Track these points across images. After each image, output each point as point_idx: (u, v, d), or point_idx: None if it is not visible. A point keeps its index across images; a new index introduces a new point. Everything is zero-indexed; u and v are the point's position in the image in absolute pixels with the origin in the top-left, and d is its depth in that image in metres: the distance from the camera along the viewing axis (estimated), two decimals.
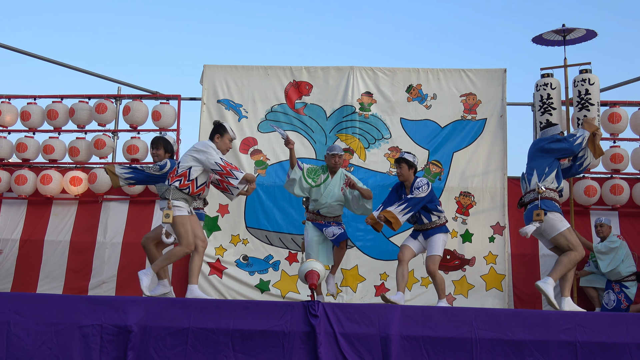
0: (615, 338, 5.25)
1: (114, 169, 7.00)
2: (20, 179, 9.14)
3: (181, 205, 6.07)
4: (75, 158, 9.35)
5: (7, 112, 9.52)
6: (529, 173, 6.57)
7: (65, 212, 9.27)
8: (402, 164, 6.82)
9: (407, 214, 6.53)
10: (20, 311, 5.36)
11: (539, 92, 8.68)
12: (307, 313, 5.24)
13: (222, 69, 9.21)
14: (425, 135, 8.90)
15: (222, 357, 5.21)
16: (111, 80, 9.84)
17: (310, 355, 5.17)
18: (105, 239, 9.00)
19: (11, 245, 9.09)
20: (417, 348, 5.21)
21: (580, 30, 8.53)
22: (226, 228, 8.83)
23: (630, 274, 7.98)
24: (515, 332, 5.25)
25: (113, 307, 5.37)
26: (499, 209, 8.67)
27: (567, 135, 6.75)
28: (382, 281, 8.60)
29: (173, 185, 6.08)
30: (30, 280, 8.97)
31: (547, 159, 6.52)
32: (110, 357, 5.23)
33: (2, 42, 9.65)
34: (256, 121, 9.07)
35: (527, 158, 6.74)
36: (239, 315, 5.31)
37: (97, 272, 8.94)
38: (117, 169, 6.99)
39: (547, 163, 6.49)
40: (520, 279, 8.60)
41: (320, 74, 9.12)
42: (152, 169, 6.92)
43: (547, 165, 6.48)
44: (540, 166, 6.50)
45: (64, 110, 9.47)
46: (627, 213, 8.77)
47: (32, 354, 5.25)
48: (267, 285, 8.65)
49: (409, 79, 9.04)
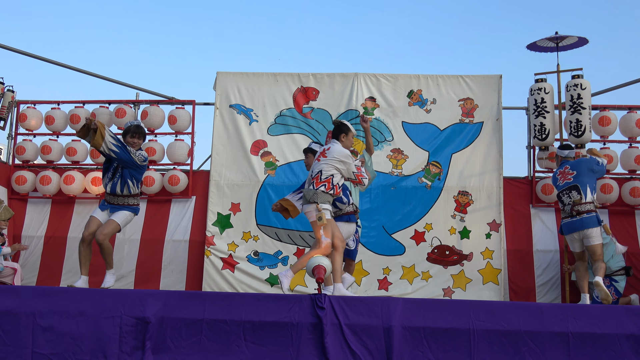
0: (605, 329, 5.23)
1: (104, 132, 6.46)
2: (44, 180, 9.18)
3: (328, 208, 6.21)
4: (96, 160, 9.37)
5: (32, 116, 9.56)
6: (582, 185, 7.24)
7: (86, 211, 9.28)
8: (309, 154, 6.89)
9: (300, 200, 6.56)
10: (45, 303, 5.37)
11: (533, 96, 8.65)
12: (314, 305, 5.23)
13: (234, 76, 9.22)
14: (425, 137, 8.89)
15: (234, 347, 5.21)
16: (130, 86, 9.88)
17: (317, 345, 5.17)
18: (124, 236, 9.00)
19: (36, 242, 9.12)
20: (418, 338, 5.20)
21: (572, 37, 8.50)
22: (238, 225, 8.83)
23: (619, 268, 7.95)
24: (510, 323, 5.24)
25: (132, 300, 5.38)
26: (495, 207, 8.64)
27: (600, 163, 7.45)
28: (385, 275, 8.59)
29: (320, 190, 6.15)
30: (54, 274, 9.00)
31: (593, 177, 7.36)
32: (129, 347, 5.23)
33: (28, 52, 9.68)
34: (266, 125, 9.07)
35: (576, 171, 7.34)
36: (250, 307, 5.31)
37: (117, 266, 8.90)
38: (107, 135, 6.49)
39: (594, 181, 7.36)
40: (516, 273, 8.58)
41: (326, 80, 9.12)
42: (138, 157, 6.70)
43: (594, 182, 7.37)
44: (592, 183, 7.30)
45: (86, 114, 9.48)
46: (616, 211, 8.74)
47: (56, 344, 5.27)
48: (276, 279, 8.64)
49: (410, 84, 9.03)
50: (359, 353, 5.17)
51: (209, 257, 8.70)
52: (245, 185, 8.92)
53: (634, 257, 8.40)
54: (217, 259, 8.72)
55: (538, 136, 8.61)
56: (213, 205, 8.86)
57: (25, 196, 9.40)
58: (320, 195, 6.13)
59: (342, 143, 6.33)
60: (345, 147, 6.32)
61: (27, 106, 9.65)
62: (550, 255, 8.57)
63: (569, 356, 5.18)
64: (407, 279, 8.57)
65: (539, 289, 8.50)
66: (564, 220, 7.45)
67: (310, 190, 6.22)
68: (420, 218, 8.69)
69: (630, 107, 8.89)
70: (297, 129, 9.00)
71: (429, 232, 8.65)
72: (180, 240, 8.83)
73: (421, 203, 8.73)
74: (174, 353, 5.23)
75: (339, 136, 6.36)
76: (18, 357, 5.24)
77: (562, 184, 7.41)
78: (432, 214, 8.70)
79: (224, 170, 8.98)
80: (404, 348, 5.18)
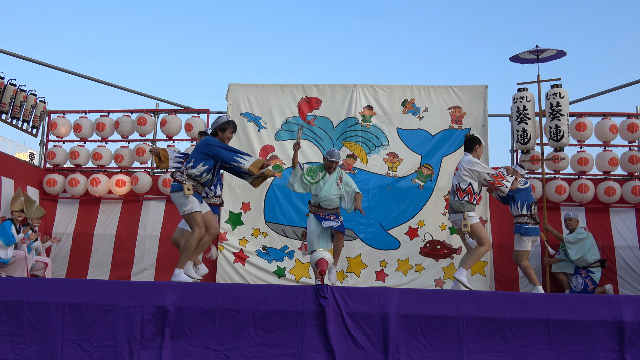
0: (583, 316, 5.22)
1: (167, 155, 6.58)
2: (73, 182, 9.20)
3: (474, 214, 6.45)
4: (120, 163, 9.40)
5: (62, 125, 9.60)
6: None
7: (111, 210, 9.31)
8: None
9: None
10: (73, 294, 5.38)
11: (515, 104, 8.63)
12: (317, 295, 5.23)
13: (245, 87, 9.22)
14: (418, 142, 8.89)
15: (244, 333, 5.21)
16: (150, 97, 9.90)
17: (321, 332, 5.16)
18: (146, 232, 9.03)
19: (65, 238, 9.15)
20: (412, 325, 5.19)
21: (551, 50, 8.49)
22: (248, 223, 8.84)
23: (595, 261, 7.94)
24: (496, 311, 5.22)
25: (152, 291, 5.38)
26: (482, 205, 8.63)
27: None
28: (382, 268, 8.59)
29: (464, 201, 6.38)
30: (81, 268, 9.02)
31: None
32: (149, 333, 5.24)
33: (58, 66, 9.71)
34: (273, 131, 9.08)
35: None
36: (260, 297, 5.30)
37: (139, 260, 8.97)
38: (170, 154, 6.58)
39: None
40: (501, 265, 8.57)
41: (328, 91, 9.12)
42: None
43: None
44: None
45: (110, 123, 9.52)
46: (592, 208, 8.74)
47: (84, 331, 5.27)
48: (283, 271, 8.65)
49: (404, 94, 9.02)
50: (359, 338, 5.17)
51: (222, 251, 8.71)
52: None
53: (608, 250, 8.39)
54: (230, 253, 8.73)
55: (520, 141, 8.59)
56: (226, 204, 8.84)
57: (55, 197, 9.42)
58: (465, 205, 6.39)
59: (475, 153, 6.58)
60: (477, 157, 6.57)
61: (57, 115, 9.68)
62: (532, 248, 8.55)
63: (550, 341, 5.17)
64: (402, 271, 8.56)
65: (522, 280, 8.48)
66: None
67: (456, 201, 6.47)
68: (413, 215, 8.69)
69: (605, 114, 8.89)
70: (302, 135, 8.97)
71: (422, 228, 8.64)
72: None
73: (414, 202, 8.73)
74: (190, 339, 5.23)
75: (472, 148, 6.58)
76: (49, 342, 5.25)
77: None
78: (424, 212, 8.69)
79: None
80: (400, 334, 5.17)
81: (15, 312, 5.34)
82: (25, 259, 7.67)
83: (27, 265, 7.68)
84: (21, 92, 9.12)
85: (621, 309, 5.20)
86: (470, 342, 5.16)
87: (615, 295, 6.31)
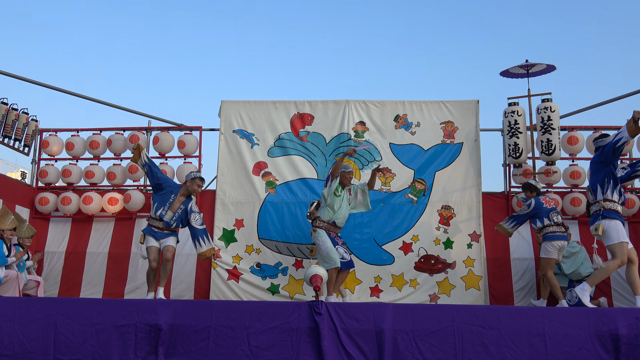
0: (578, 329, 5.22)
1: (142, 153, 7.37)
2: (65, 200, 9.15)
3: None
4: (112, 181, 9.36)
5: (54, 143, 9.56)
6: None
7: (104, 228, 9.26)
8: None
9: None
10: (66, 313, 5.34)
11: (507, 118, 8.68)
12: (312, 311, 5.21)
13: (237, 104, 9.23)
14: (410, 157, 8.90)
15: (238, 351, 5.17)
16: (142, 114, 9.87)
17: (315, 348, 5.14)
18: (138, 250, 8.96)
19: (58, 257, 9.07)
20: (407, 340, 5.17)
21: (541, 65, 8.55)
22: (241, 239, 8.80)
23: (589, 274, 7.93)
24: (492, 325, 5.21)
25: (145, 309, 5.34)
26: (475, 219, 8.64)
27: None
28: (376, 283, 8.55)
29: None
30: (74, 287, 8.94)
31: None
32: (143, 352, 5.19)
33: (50, 84, 9.69)
34: (266, 147, 9.08)
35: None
36: (254, 314, 5.28)
37: (132, 278, 8.90)
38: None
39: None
40: (495, 279, 8.56)
41: (321, 107, 9.14)
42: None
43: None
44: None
45: (102, 141, 9.50)
46: (585, 222, 8.73)
47: (76, 350, 5.22)
48: (277, 288, 8.59)
49: (396, 109, 9.05)
50: (354, 354, 5.14)
51: (215, 268, 8.66)
52: (248, 203, 8.90)
53: None
54: (223, 270, 8.68)
55: (512, 155, 8.64)
56: (219, 221, 8.84)
57: (47, 215, 9.36)
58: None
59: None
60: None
61: (49, 134, 9.64)
62: (526, 262, 8.57)
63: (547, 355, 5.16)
64: (397, 286, 8.53)
65: (516, 294, 8.47)
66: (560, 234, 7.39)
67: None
68: (407, 230, 8.68)
69: (596, 127, 8.94)
70: (294, 151, 9.00)
71: (416, 243, 8.63)
72: (189, 253, 8.78)
73: (408, 217, 8.72)
74: (185, 357, 5.19)
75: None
76: None
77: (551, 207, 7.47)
78: (418, 227, 8.68)
79: (229, 189, 8.97)
80: (395, 349, 5.15)
81: (6, 332, 5.28)
82: (17, 279, 7.59)
83: (19, 284, 7.59)
84: (13, 111, 9.09)
85: (616, 322, 5.21)
86: (466, 357, 5.14)
87: (610, 308, 6.32)
